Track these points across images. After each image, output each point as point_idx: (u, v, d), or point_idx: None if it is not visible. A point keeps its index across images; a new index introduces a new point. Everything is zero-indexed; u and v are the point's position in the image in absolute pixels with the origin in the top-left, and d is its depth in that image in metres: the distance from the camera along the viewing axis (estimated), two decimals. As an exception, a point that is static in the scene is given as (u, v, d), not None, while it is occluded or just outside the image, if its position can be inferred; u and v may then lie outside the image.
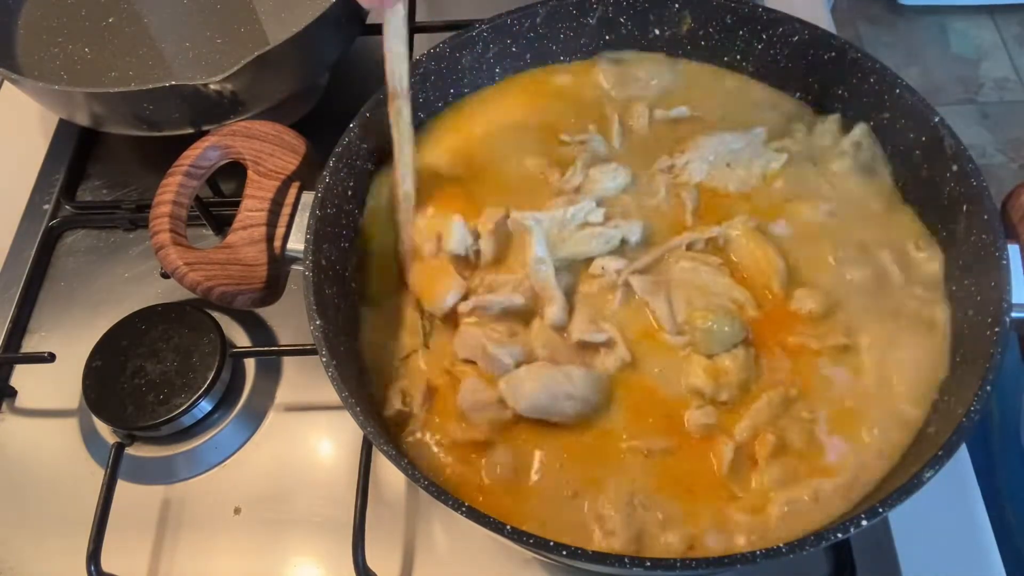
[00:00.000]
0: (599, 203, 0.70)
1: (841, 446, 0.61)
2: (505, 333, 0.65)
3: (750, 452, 0.61)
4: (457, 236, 0.67)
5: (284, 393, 0.80)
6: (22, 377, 0.83)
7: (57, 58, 0.92)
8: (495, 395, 0.63)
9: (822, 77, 0.74)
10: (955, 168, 0.65)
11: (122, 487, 0.73)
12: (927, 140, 0.68)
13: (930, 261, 0.68)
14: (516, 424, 0.63)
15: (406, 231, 0.70)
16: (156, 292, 0.86)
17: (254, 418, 0.79)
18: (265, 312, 0.84)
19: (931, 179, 0.68)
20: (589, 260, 0.68)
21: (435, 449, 0.63)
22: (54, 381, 0.80)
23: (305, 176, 0.71)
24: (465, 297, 0.67)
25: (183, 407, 0.74)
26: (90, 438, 0.78)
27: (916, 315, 0.66)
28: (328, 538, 0.72)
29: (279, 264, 0.68)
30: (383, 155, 0.74)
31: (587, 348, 0.65)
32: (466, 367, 0.65)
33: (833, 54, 0.73)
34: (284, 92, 0.87)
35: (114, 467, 0.72)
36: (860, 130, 0.73)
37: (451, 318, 0.67)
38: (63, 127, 0.99)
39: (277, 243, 0.68)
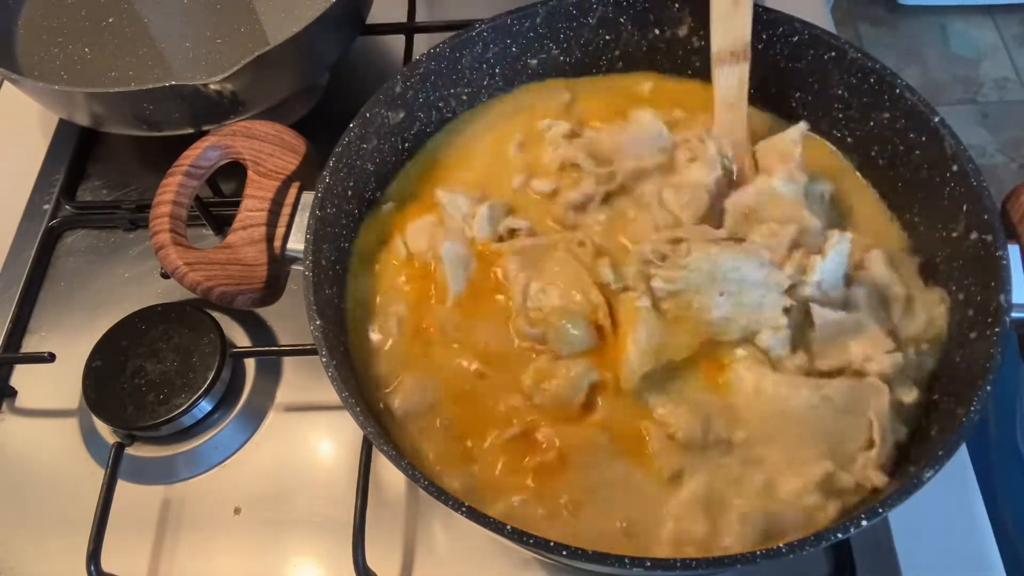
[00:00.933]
0: None
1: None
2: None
3: (531, 445, 0.62)
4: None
5: (284, 393, 0.80)
6: (22, 377, 0.83)
7: (57, 58, 0.92)
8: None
9: (822, 77, 0.74)
10: (955, 168, 0.65)
11: (122, 487, 0.73)
12: (927, 140, 0.68)
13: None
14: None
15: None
16: (156, 292, 0.86)
17: (254, 418, 0.79)
18: (265, 312, 0.84)
19: (931, 179, 0.68)
20: None
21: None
22: (54, 381, 0.80)
23: (305, 176, 0.71)
24: None
25: (183, 407, 0.74)
26: (90, 438, 0.78)
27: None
28: (328, 538, 0.72)
29: (279, 264, 0.68)
30: (383, 155, 0.74)
31: None
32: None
33: (833, 54, 0.73)
34: (284, 92, 0.87)
35: (114, 467, 0.72)
36: None
37: None
38: (63, 127, 0.99)
39: (277, 243, 0.68)
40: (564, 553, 0.51)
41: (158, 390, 0.75)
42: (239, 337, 0.82)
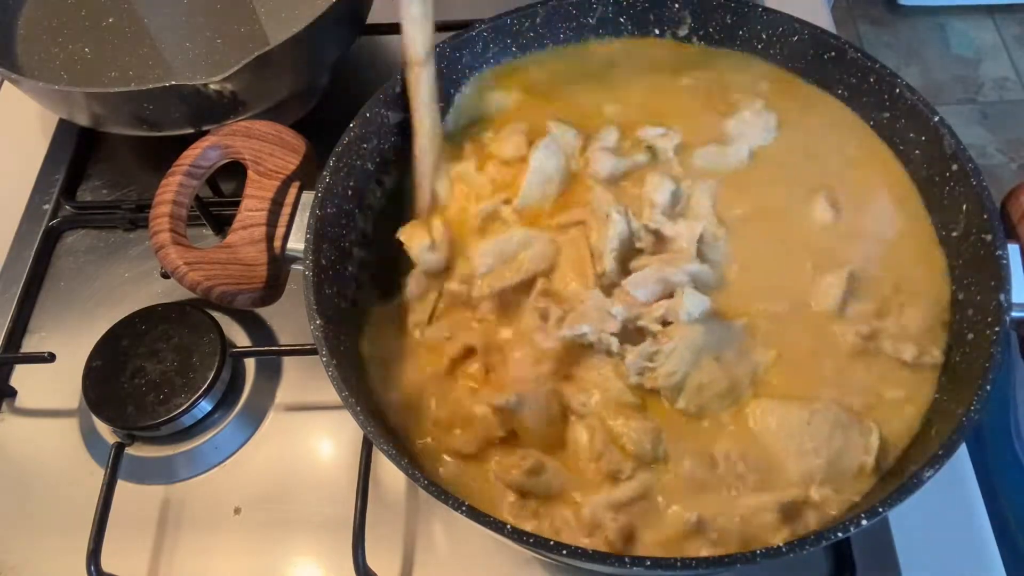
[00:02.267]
0: None
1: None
2: None
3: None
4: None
5: (284, 393, 0.80)
6: (22, 377, 0.83)
7: (57, 58, 0.92)
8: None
9: (822, 77, 0.75)
10: (955, 168, 0.65)
11: (122, 487, 0.73)
12: (927, 140, 0.68)
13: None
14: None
15: (423, 188, 0.71)
16: (156, 292, 0.86)
17: (254, 418, 0.79)
18: (265, 312, 0.84)
19: (931, 179, 0.68)
20: None
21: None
22: (54, 381, 0.80)
23: (305, 176, 0.71)
24: None
25: (183, 407, 0.74)
26: (90, 438, 0.78)
27: None
28: (328, 538, 0.72)
29: (279, 264, 0.68)
30: (384, 156, 0.74)
31: None
32: None
33: (833, 54, 0.73)
34: (284, 92, 0.87)
35: (114, 467, 0.72)
36: None
37: None
38: (63, 127, 0.99)
39: (277, 243, 0.68)
40: (564, 553, 0.51)
41: (158, 390, 0.75)
42: (239, 337, 0.82)
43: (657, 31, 0.79)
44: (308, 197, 0.68)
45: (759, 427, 0.62)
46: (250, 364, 0.81)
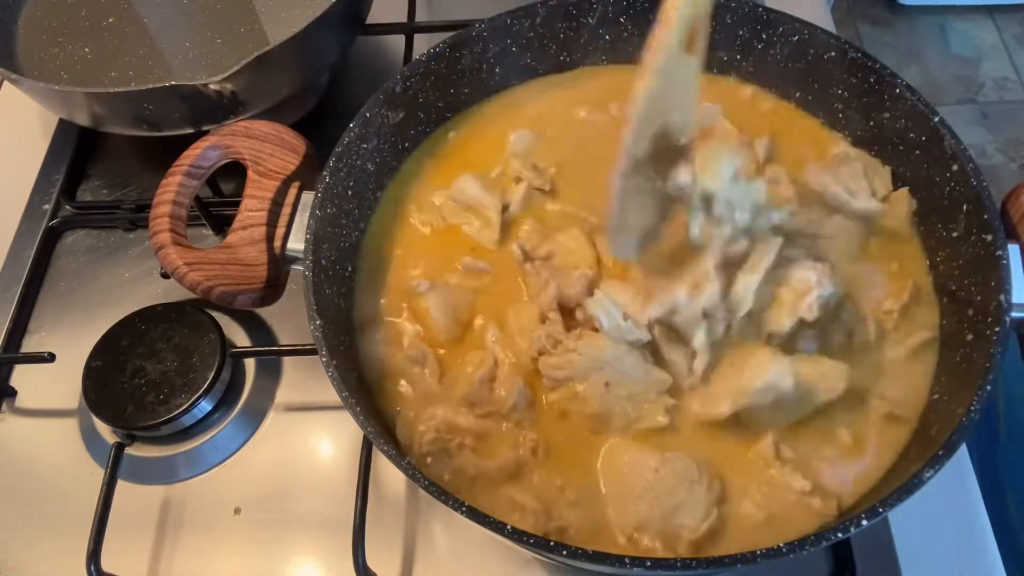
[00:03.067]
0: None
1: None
2: None
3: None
4: None
5: (284, 393, 0.80)
6: (22, 377, 0.83)
7: (57, 58, 0.92)
8: None
9: (822, 77, 0.74)
10: (955, 168, 0.65)
11: (122, 487, 0.73)
12: (927, 140, 0.68)
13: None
14: None
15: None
16: (156, 292, 0.86)
17: (254, 418, 0.79)
18: (265, 312, 0.84)
19: (931, 179, 0.68)
20: None
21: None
22: (54, 381, 0.80)
23: (305, 176, 0.71)
24: None
25: (183, 407, 0.74)
26: (90, 438, 0.78)
27: None
28: (328, 538, 0.72)
29: (279, 264, 0.68)
30: (383, 155, 0.74)
31: None
32: None
33: (833, 54, 0.73)
34: (284, 92, 0.88)
35: (114, 467, 0.72)
36: None
37: None
38: (63, 127, 0.99)
39: (277, 243, 0.68)
40: (564, 553, 0.51)
41: (158, 390, 0.75)
42: (239, 337, 0.82)
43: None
44: (308, 197, 0.68)
45: (603, 464, 0.62)
46: (250, 364, 0.81)
